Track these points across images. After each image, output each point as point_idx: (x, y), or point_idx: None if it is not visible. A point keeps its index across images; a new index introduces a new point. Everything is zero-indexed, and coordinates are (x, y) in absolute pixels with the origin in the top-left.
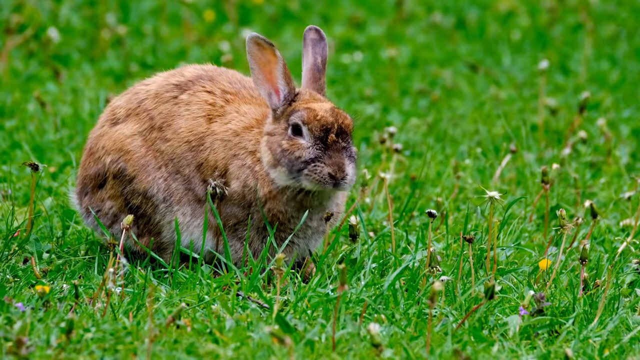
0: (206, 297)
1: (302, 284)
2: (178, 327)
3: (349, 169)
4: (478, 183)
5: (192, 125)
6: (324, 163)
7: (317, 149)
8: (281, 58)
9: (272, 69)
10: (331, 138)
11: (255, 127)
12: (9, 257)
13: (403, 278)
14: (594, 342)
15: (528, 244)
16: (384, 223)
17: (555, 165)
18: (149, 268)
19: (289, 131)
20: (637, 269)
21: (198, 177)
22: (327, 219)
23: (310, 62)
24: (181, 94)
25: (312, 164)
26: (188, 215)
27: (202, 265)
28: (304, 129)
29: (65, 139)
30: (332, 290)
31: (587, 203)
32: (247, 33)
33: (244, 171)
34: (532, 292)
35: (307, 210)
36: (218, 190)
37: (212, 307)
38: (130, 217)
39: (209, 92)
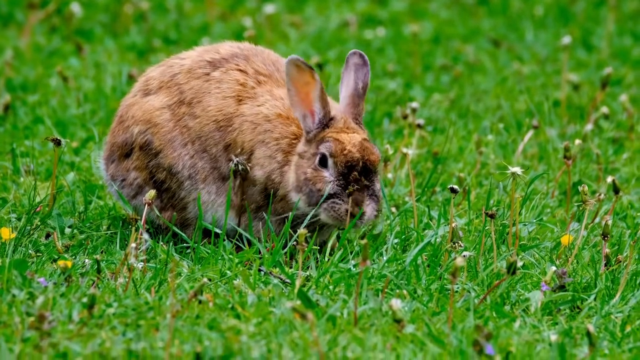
0: (228, 272)
1: (324, 260)
2: (200, 302)
3: (368, 208)
4: (500, 159)
5: (221, 104)
6: (343, 200)
7: (337, 185)
8: (319, 82)
9: (308, 92)
10: (354, 176)
11: (294, 122)
12: (32, 232)
13: (425, 254)
14: (616, 317)
15: (550, 219)
16: (406, 198)
17: (577, 141)
18: (171, 243)
19: (316, 160)
20: None
21: (225, 156)
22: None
23: (352, 87)
24: (213, 71)
25: (331, 200)
26: (213, 193)
27: (224, 240)
28: (330, 162)
29: (87, 114)
30: (354, 266)
31: (609, 179)
32: (289, 57)
33: (271, 164)
34: (554, 268)
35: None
36: (240, 167)
37: (234, 282)
38: (152, 193)
39: (241, 71)
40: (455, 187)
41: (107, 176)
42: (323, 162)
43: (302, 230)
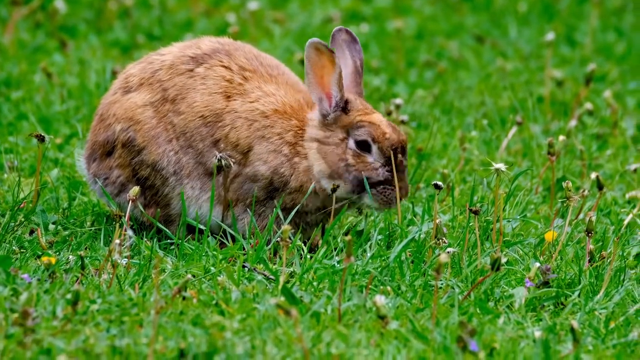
0: (212, 268)
1: (308, 256)
2: (184, 298)
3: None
4: (484, 155)
5: (207, 100)
6: (393, 185)
7: (387, 171)
8: (339, 66)
9: (325, 74)
10: (399, 159)
11: (293, 116)
12: (15, 229)
13: (409, 250)
14: (600, 314)
15: (534, 215)
16: None
17: (561, 137)
18: (155, 239)
19: (352, 145)
20: None
21: (212, 152)
22: (334, 190)
23: (350, 65)
24: (197, 67)
25: (382, 186)
26: (197, 189)
27: (208, 237)
28: (374, 147)
29: (71, 110)
30: (338, 262)
31: (593, 175)
32: (310, 40)
33: (278, 158)
34: (538, 264)
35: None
36: (224, 162)
37: (218, 278)
38: (136, 189)
39: (225, 67)
40: (439, 183)
41: (89, 175)
42: (365, 148)
43: (285, 227)
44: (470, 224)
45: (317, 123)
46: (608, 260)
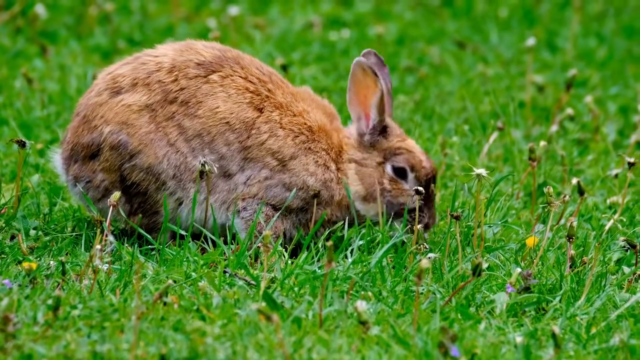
0: (193, 274)
1: (289, 261)
2: (165, 304)
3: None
4: (465, 160)
5: (232, 108)
6: (424, 214)
7: (420, 200)
8: (381, 89)
9: (367, 95)
10: (432, 189)
11: (331, 133)
12: None
13: (390, 255)
14: (581, 319)
15: (515, 221)
16: None
17: (542, 143)
18: (136, 245)
19: (389, 171)
20: (624, 246)
21: (239, 156)
22: (315, 196)
23: (384, 88)
24: (210, 74)
25: (413, 213)
26: (204, 192)
27: (189, 242)
28: (410, 175)
29: (52, 116)
30: (320, 268)
31: (574, 180)
32: (357, 59)
33: (326, 173)
34: (519, 270)
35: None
36: (207, 167)
37: (199, 284)
38: (117, 194)
39: (243, 78)
40: (420, 188)
41: (68, 177)
42: (401, 174)
43: (266, 232)
44: (452, 230)
45: (354, 143)
46: (589, 266)
